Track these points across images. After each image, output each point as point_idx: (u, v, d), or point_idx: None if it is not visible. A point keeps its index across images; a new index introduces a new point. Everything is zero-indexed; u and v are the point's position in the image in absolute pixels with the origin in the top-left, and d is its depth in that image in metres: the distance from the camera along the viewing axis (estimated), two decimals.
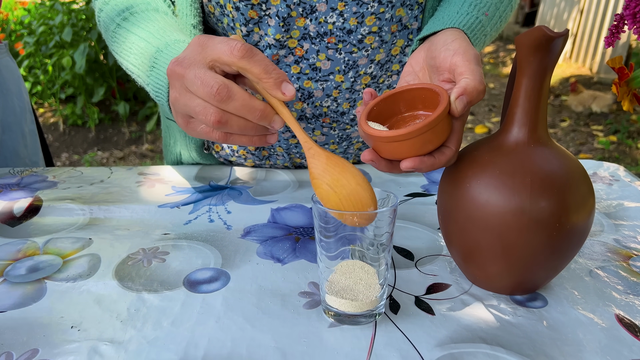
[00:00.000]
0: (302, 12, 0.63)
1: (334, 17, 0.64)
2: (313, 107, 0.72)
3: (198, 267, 0.54)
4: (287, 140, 0.76)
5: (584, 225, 0.46)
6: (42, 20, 3.44)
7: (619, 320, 0.46)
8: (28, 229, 0.62)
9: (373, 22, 0.65)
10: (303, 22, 0.64)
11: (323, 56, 0.67)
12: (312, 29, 0.65)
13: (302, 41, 0.66)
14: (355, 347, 0.43)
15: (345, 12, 0.64)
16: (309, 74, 0.69)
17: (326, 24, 0.64)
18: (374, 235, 0.44)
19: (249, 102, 0.44)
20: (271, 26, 0.64)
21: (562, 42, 0.42)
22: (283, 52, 0.67)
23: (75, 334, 0.44)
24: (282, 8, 0.63)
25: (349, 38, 0.66)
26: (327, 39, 0.66)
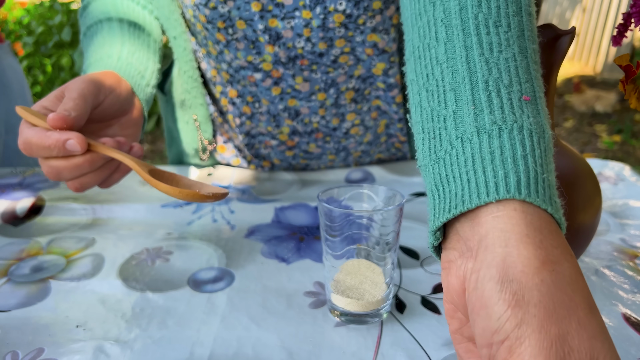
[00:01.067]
0: (269, 39, 0.61)
1: (301, 42, 0.61)
2: (303, 125, 0.70)
3: (202, 266, 0.54)
4: (283, 152, 0.75)
5: (591, 223, 0.45)
6: (41, 20, 3.44)
7: (625, 319, 0.46)
8: (31, 228, 0.62)
9: (344, 44, 0.62)
10: (272, 49, 0.62)
11: (300, 79, 0.65)
12: (282, 55, 0.63)
13: (276, 65, 0.64)
14: (362, 346, 0.42)
15: (313, 38, 0.61)
16: (291, 93, 0.67)
17: (295, 48, 0.62)
18: (380, 234, 0.43)
19: (40, 140, 0.47)
20: (240, 49, 0.63)
21: (568, 40, 0.42)
22: (259, 75, 0.65)
23: (80, 333, 0.44)
24: (249, 33, 0.61)
25: (322, 60, 0.63)
26: (299, 62, 0.63)
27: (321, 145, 0.74)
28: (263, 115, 0.70)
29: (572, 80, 4.31)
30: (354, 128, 0.73)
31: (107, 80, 0.54)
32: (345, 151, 0.76)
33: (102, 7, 0.66)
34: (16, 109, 0.49)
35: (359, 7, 0.58)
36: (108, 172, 0.52)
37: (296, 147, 0.73)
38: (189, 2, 0.61)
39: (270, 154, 0.76)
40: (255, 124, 0.71)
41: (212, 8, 0.59)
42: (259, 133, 0.73)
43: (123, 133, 0.57)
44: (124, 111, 0.57)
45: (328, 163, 0.78)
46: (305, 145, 0.73)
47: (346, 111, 0.70)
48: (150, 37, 0.67)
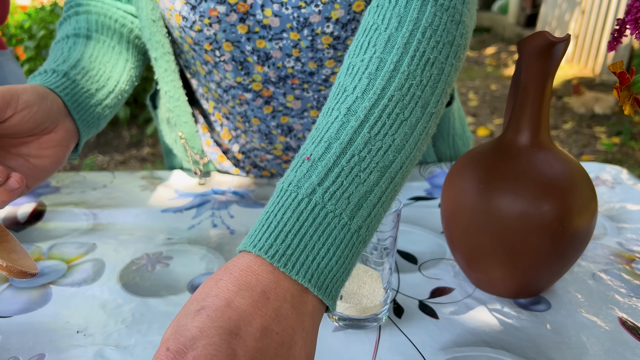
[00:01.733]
0: (257, 59, 0.61)
1: (291, 62, 0.61)
2: (297, 140, 0.70)
3: (202, 271, 0.54)
4: (279, 165, 0.75)
5: (587, 228, 0.46)
6: (42, 24, 3.45)
7: (622, 323, 0.46)
8: (32, 234, 0.63)
9: (333, 64, 0.62)
10: (261, 69, 0.62)
11: (291, 97, 0.65)
12: (272, 75, 0.62)
13: (267, 84, 0.63)
14: (360, 351, 0.43)
15: (302, 58, 0.60)
16: (283, 111, 0.67)
17: (285, 68, 0.61)
18: (378, 239, 0.44)
19: None
20: (229, 71, 0.62)
21: (563, 47, 0.43)
22: (250, 95, 0.65)
23: (81, 339, 0.44)
24: (236, 54, 0.60)
25: (313, 79, 0.63)
26: (290, 81, 0.63)
27: None
28: (255, 133, 0.70)
29: (571, 82, 4.32)
30: None
31: (24, 95, 0.48)
32: None
33: (75, 23, 0.63)
34: None
35: (346, 29, 0.57)
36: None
37: (292, 160, 0.74)
38: (174, 24, 0.60)
39: (267, 166, 0.76)
40: (250, 139, 0.71)
41: (197, 31, 0.59)
42: (253, 148, 0.73)
43: (41, 153, 0.51)
44: (44, 130, 0.51)
45: None
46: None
47: None
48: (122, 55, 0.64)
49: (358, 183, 0.34)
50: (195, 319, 0.29)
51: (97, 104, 0.58)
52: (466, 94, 4.35)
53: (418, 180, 0.78)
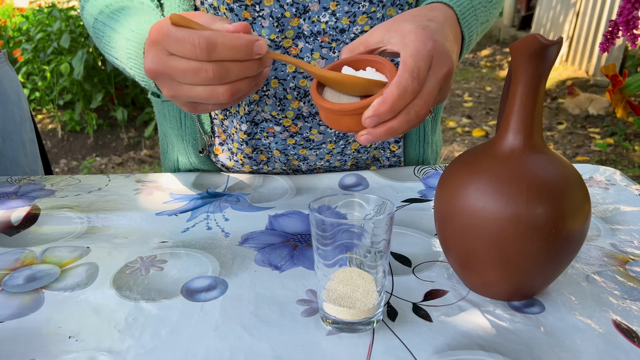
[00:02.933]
0: (295, 12, 0.65)
1: (326, 17, 0.65)
2: (309, 106, 0.73)
3: (196, 275, 0.54)
4: (284, 140, 0.76)
5: (580, 230, 0.46)
6: (40, 27, 3.45)
7: (616, 325, 0.46)
8: (26, 238, 0.62)
9: (365, 21, 0.66)
10: (297, 22, 0.66)
11: (317, 55, 0.68)
12: (305, 28, 0.66)
13: (297, 40, 0.67)
14: (353, 354, 0.43)
15: (338, 12, 0.65)
16: (304, 73, 0.70)
17: (319, 23, 0.66)
18: (371, 242, 0.44)
19: (230, 41, 0.46)
20: (265, 27, 0.66)
21: (556, 50, 0.43)
22: (279, 51, 0.68)
23: (73, 344, 0.44)
24: (275, 9, 0.64)
25: (342, 37, 0.67)
26: (320, 38, 0.67)
27: (323, 130, 0.75)
28: (270, 98, 0.72)
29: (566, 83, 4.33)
30: None
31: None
32: (344, 139, 0.77)
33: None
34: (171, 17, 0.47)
35: None
36: (261, 80, 0.53)
37: (298, 133, 0.75)
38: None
39: (271, 143, 0.76)
40: (262, 109, 0.73)
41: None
42: (263, 119, 0.74)
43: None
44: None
45: (326, 156, 0.78)
46: (308, 131, 0.75)
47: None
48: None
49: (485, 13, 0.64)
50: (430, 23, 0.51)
51: None
52: (461, 95, 4.35)
53: (412, 180, 0.78)
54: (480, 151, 0.48)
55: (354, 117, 0.48)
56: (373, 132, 0.48)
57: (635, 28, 0.42)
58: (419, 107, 0.48)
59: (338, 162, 0.81)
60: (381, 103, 0.46)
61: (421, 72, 0.47)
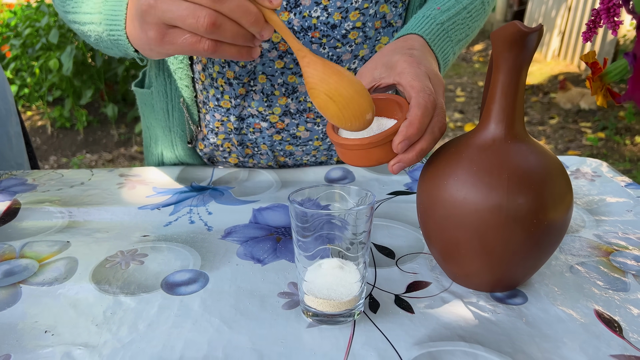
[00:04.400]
0: (285, 5, 0.63)
1: (318, 12, 0.64)
2: (297, 103, 0.72)
3: (177, 269, 0.53)
4: (271, 136, 0.75)
5: (562, 221, 0.45)
6: (28, 23, 3.41)
7: (598, 316, 0.46)
8: (6, 232, 0.61)
9: (357, 17, 0.65)
10: (287, 16, 0.64)
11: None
12: (295, 23, 0.65)
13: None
14: (333, 347, 0.42)
15: (330, 7, 0.64)
16: (293, 69, 0.69)
17: (310, 18, 0.65)
18: (353, 234, 0.43)
19: (244, 3, 0.43)
20: None
21: (536, 37, 0.42)
22: (267, 45, 0.67)
23: (49, 339, 0.43)
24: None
25: (333, 33, 0.66)
26: (310, 34, 0.66)
27: (310, 127, 0.74)
28: (257, 94, 0.71)
29: (558, 78, 4.34)
30: None
31: None
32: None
33: None
34: None
35: None
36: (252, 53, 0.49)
37: (285, 130, 0.74)
38: None
39: (257, 139, 0.76)
40: (248, 104, 0.72)
41: None
42: (249, 114, 0.73)
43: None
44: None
45: (312, 152, 0.78)
46: (295, 128, 0.74)
47: None
48: None
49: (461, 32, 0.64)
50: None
51: None
52: (454, 90, 4.36)
53: (399, 174, 0.77)
54: (462, 141, 0.48)
55: (383, 148, 0.47)
56: (404, 157, 0.48)
57: (616, 15, 0.42)
58: (440, 122, 0.48)
59: (324, 157, 0.80)
60: (409, 126, 0.46)
61: (431, 89, 0.48)
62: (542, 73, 4.61)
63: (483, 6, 0.70)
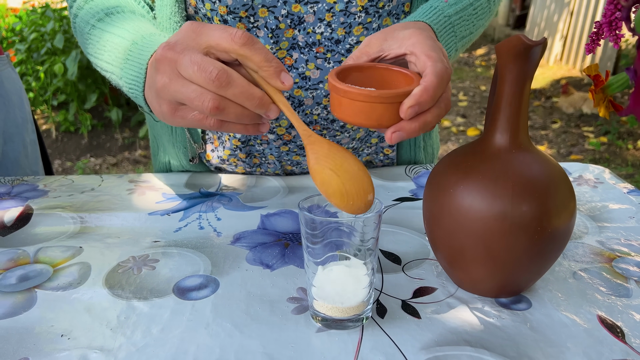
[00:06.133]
0: (290, 23, 0.64)
1: (321, 28, 0.65)
2: (303, 115, 0.72)
3: (188, 274, 0.55)
4: (278, 148, 0.76)
5: (566, 228, 0.47)
6: (33, 27, 3.43)
7: (600, 321, 0.47)
8: (19, 238, 0.63)
9: (360, 32, 0.66)
10: (292, 33, 0.65)
11: (312, 65, 0.68)
12: (300, 39, 0.66)
13: (291, 51, 0.67)
14: (342, 351, 0.43)
15: (333, 23, 0.65)
16: (299, 83, 0.69)
17: (314, 34, 0.66)
18: (360, 240, 0.44)
19: (248, 89, 0.44)
20: (260, 37, 0.65)
21: (540, 50, 0.43)
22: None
23: (65, 342, 0.44)
24: (270, 20, 0.64)
25: (337, 48, 0.67)
26: (315, 49, 0.67)
27: None
28: None
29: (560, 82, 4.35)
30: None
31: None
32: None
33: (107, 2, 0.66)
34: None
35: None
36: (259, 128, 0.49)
37: (292, 141, 0.75)
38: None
39: (265, 150, 0.77)
40: None
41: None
42: None
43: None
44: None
45: None
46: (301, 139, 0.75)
47: None
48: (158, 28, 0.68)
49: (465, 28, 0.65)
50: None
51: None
52: (456, 94, 4.37)
53: (404, 180, 0.78)
54: (468, 150, 0.49)
55: (389, 107, 0.44)
56: (407, 126, 0.45)
57: (618, 29, 0.43)
58: (447, 99, 0.47)
59: None
60: (423, 91, 0.44)
61: (447, 61, 0.47)
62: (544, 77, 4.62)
63: (489, 4, 0.69)
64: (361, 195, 0.44)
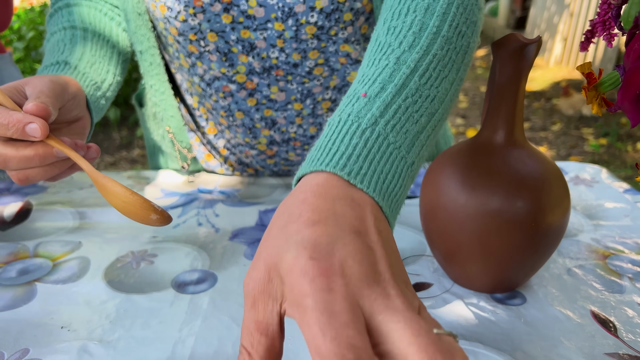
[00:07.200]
0: (242, 49, 0.61)
1: (275, 53, 0.62)
2: (280, 133, 0.71)
3: (186, 268, 0.55)
4: (264, 160, 0.76)
5: (560, 224, 0.47)
6: (31, 26, 3.44)
7: (594, 316, 0.48)
8: (19, 232, 0.63)
9: (317, 55, 0.63)
10: (246, 59, 0.62)
11: (275, 88, 0.65)
12: (256, 65, 0.63)
13: (251, 75, 0.64)
14: None
15: (286, 49, 0.61)
16: (267, 104, 0.67)
17: (269, 59, 0.62)
18: None
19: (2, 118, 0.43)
20: (213, 61, 0.63)
21: (535, 48, 0.44)
22: (234, 86, 0.65)
23: (65, 334, 0.45)
24: (221, 44, 0.61)
25: (297, 71, 0.64)
26: (274, 72, 0.64)
27: (300, 153, 0.75)
28: (239, 127, 0.71)
29: (560, 84, 4.36)
30: None
31: (71, 85, 0.53)
32: None
33: (68, 15, 0.65)
34: None
35: (330, 19, 0.59)
36: (57, 170, 0.49)
37: (276, 155, 0.75)
38: (159, 15, 0.61)
39: (252, 162, 0.77)
40: (234, 134, 0.72)
41: (182, 21, 0.59)
42: (238, 144, 0.74)
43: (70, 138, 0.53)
44: (77, 118, 0.55)
45: None
46: (285, 153, 0.74)
47: (323, 120, 0.71)
48: (115, 48, 0.66)
49: (412, 122, 0.36)
50: (314, 229, 0.28)
51: (101, 96, 0.61)
52: None
53: None
54: (464, 147, 0.50)
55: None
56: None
57: (611, 28, 0.43)
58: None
59: None
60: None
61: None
62: (544, 79, 4.63)
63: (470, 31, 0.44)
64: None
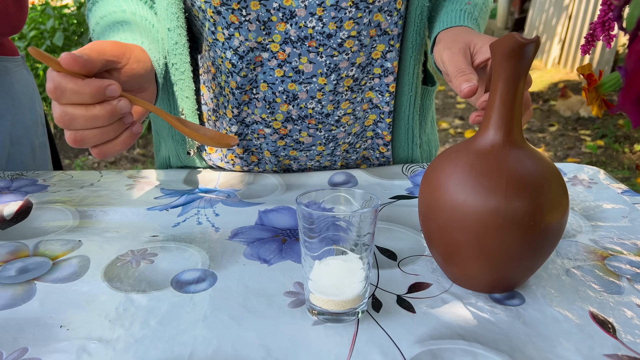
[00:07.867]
0: (282, 17, 0.66)
1: (313, 22, 0.66)
2: (298, 109, 0.73)
3: (186, 268, 0.55)
4: (275, 142, 0.77)
5: (558, 224, 0.47)
6: (33, 25, 3.44)
7: (592, 317, 0.48)
8: (19, 231, 0.63)
9: (352, 26, 0.67)
10: (284, 27, 0.67)
11: (305, 59, 0.69)
12: (292, 33, 0.67)
13: (284, 45, 0.68)
14: (338, 344, 0.44)
15: (324, 17, 0.66)
16: (293, 77, 0.71)
17: (306, 28, 0.67)
18: (357, 235, 0.45)
19: (79, 87, 0.46)
20: (252, 31, 0.67)
21: (533, 48, 0.44)
22: (266, 55, 0.69)
23: (64, 333, 0.45)
24: (262, 13, 0.65)
25: (329, 42, 0.68)
26: (307, 43, 0.68)
27: (313, 133, 0.76)
28: (259, 101, 0.73)
29: (558, 85, 4.37)
30: (345, 117, 0.76)
31: (136, 51, 0.56)
32: (334, 141, 0.78)
33: (112, 3, 0.69)
34: (29, 50, 0.46)
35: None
36: (112, 134, 0.51)
37: (288, 135, 0.76)
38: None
39: (262, 144, 0.78)
40: (252, 111, 0.74)
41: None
42: (253, 121, 0.76)
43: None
44: (142, 87, 0.58)
45: (316, 157, 0.80)
46: (297, 133, 0.76)
47: (341, 99, 0.74)
48: (158, 33, 0.70)
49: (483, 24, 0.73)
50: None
51: (160, 73, 0.65)
52: (454, 96, 4.38)
53: (401, 178, 0.79)
54: (462, 147, 0.50)
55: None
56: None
57: (611, 29, 0.44)
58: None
59: (328, 162, 0.82)
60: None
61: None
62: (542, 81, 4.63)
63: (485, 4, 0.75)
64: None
